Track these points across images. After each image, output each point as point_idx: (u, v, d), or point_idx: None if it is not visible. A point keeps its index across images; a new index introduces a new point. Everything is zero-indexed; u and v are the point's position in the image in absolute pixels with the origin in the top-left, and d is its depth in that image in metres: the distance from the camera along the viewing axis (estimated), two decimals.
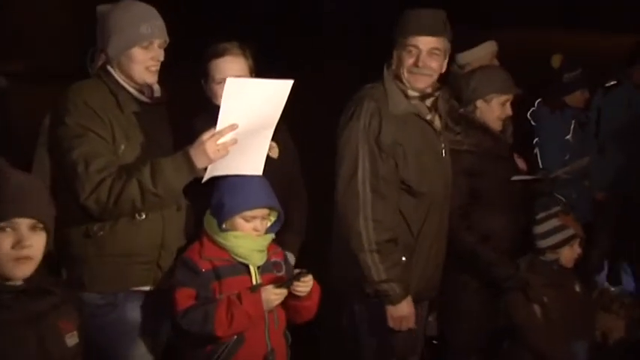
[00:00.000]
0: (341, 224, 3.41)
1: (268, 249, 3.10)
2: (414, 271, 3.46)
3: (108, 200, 2.93)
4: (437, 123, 3.53)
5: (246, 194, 3.01)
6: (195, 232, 3.16)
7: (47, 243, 2.35)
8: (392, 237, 3.37)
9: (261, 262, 3.05)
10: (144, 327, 3.13)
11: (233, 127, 2.88)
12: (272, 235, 3.12)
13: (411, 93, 3.40)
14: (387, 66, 3.45)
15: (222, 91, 2.87)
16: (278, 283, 2.98)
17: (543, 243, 3.92)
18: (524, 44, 10.37)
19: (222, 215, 3.01)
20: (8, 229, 2.27)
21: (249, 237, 3.02)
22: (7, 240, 2.27)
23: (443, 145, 3.56)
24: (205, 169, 2.96)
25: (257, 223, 3.02)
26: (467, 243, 3.80)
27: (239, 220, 3.01)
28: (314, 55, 10.95)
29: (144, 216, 3.04)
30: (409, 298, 3.40)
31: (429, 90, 3.44)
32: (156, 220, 3.08)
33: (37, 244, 2.31)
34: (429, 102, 3.47)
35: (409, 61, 3.36)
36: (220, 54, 3.32)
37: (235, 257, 3.02)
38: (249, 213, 3.00)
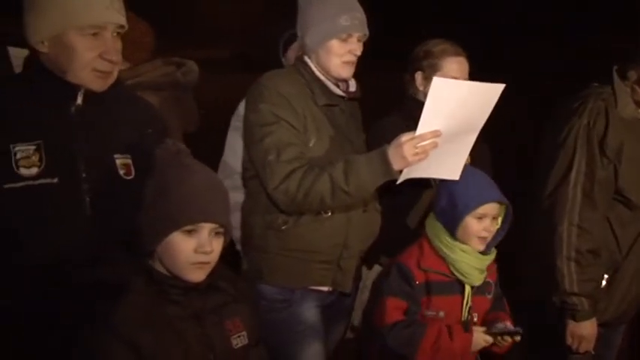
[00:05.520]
0: (543, 227, 3.16)
1: (487, 268, 2.97)
2: (615, 292, 3.20)
3: (297, 192, 2.84)
4: None
5: (479, 188, 2.88)
6: (377, 236, 3.08)
7: (223, 246, 2.28)
8: (594, 248, 3.11)
9: (479, 282, 2.93)
10: (318, 328, 3.04)
11: (436, 133, 2.71)
12: (494, 254, 2.97)
13: None
14: (619, 70, 3.20)
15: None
16: (489, 327, 2.87)
17: None
18: None
19: (456, 216, 2.87)
20: (193, 233, 2.20)
21: (476, 255, 2.90)
22: (191, 243, 2.20)
23: None
24: (401, 171, 2.81)
25: (488, 222, 2.88)
26: None
27: (470, 220, 2.86)
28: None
29: (329, 214, 2.95)
30: (594, 320, 3.14)
31: None
32: (340, 220, 2.99)
33: (216, 249, 2.24)
34: None
35: None
36: (459, 53, 3.25)
37: (455, 273, 2.90)
38: (482, 209, 2.85)
